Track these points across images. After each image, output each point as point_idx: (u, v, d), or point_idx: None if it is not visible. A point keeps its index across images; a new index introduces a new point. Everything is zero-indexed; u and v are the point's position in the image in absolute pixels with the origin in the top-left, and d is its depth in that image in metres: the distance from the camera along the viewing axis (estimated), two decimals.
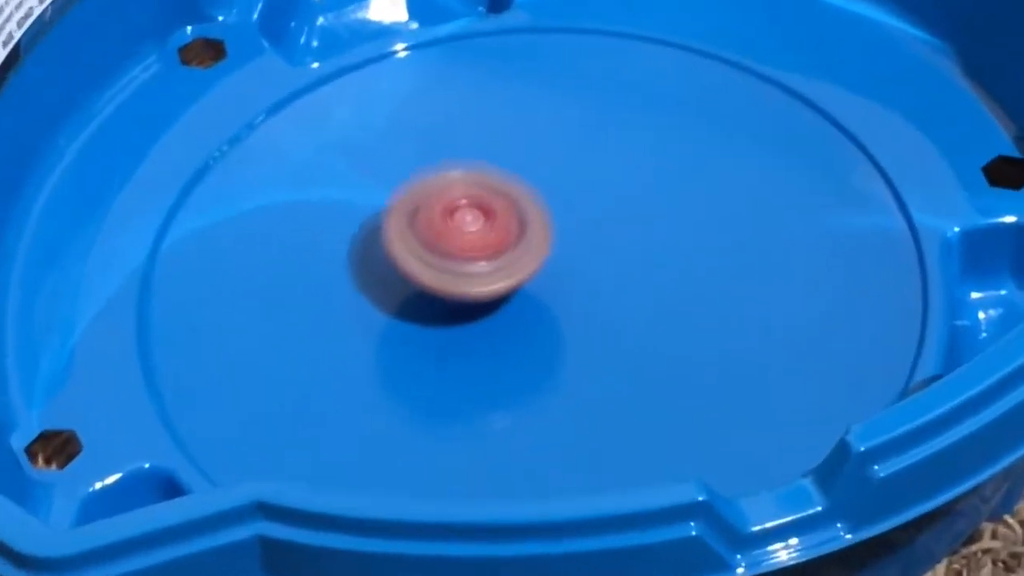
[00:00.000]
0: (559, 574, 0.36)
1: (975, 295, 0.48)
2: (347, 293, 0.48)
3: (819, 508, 0.36)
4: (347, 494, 0.36)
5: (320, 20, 0.55)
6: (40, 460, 0.48)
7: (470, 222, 0.45)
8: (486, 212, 0.45)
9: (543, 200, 0.46)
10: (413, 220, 0.44)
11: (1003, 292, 0.48)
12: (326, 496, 0.36)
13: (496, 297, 0.45)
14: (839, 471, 0.37)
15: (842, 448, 0.36)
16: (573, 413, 0.45)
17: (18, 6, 0.48)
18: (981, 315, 0.48)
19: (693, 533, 0.35)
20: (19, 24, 0.48)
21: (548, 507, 0.36)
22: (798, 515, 0.37)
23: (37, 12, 0.48)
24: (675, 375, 0.45)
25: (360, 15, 0.56)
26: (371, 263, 0.48)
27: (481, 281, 0.44)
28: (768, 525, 0.37)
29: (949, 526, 0.43)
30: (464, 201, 0.45)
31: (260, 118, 0.53)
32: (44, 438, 0.47)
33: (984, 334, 0.47)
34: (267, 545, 0.35)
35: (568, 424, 0.45)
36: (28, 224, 0.50)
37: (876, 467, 0.36)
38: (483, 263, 0.44)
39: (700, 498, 0.35)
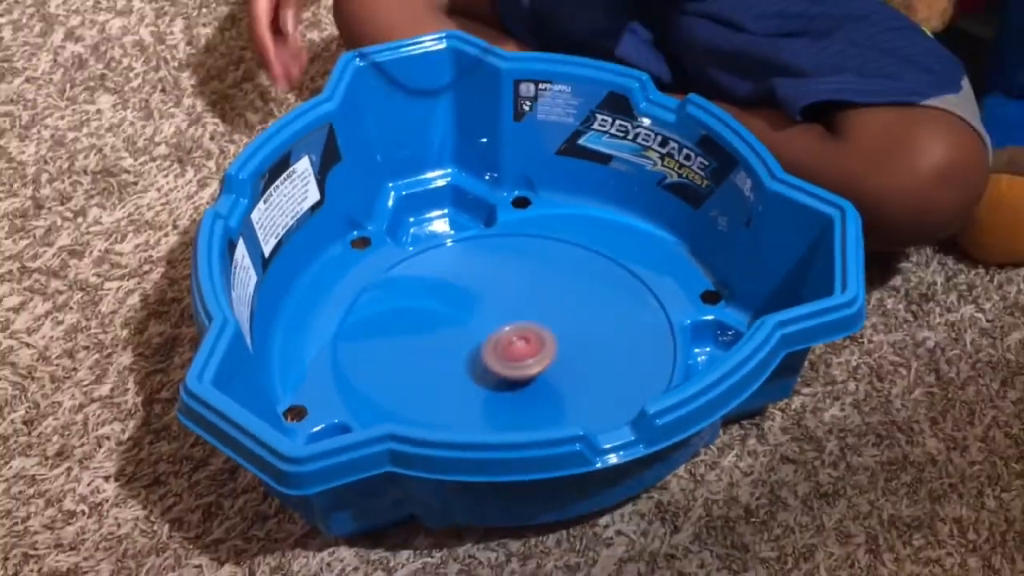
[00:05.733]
0: (533, 466, 0.77)
1: (697, 350, 0.96)
2: (445, 358, 0.93)
3: (632, 438, 0.80)
4: (427, 429, 0.79)
5: (412, 230, 1.05)
6: (289, 418, 0.92)
7: (519, 343, 0.90)
8: (527, 339, 0.90)
9: (548, 329, 0.90)
10: (495, 347, 0.90)
11: (708, 349, 0.96)
12: (419, 430, 0.78)
13: (531, 376, 0.90)
14: (641, 421, 0.80)
15: (643, 412, 0.80)
16: (544, 409, 0.90)
17: (284, 223, 0.97)
18: (700, 359, 0.96)
19: (577, 447, 0.79)
20: (283, 228, 0.97)
21: (530, 435, 0.78)
22: (622, 441, 0.80)
23: (291, 224, 0.98)
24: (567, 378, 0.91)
25: (428, 228, 1.05)
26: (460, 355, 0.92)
27: (527, 369, 0.90)
28: (609, 445, 0.80)
29: (685, 448, 0.88)
30: (515, 336, 0.90)
31: (388, 272, 1.01)
32: (291, 409, 0.91)
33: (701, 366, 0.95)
34: (393, 453, 0.79)
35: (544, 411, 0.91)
36: (281, 317, 0.96)
37: (657, 420, 0.80)
38: (529, 360, 0.90)
39: (581, 433, 0.79)
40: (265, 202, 0.97)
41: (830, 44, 1.02)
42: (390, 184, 1.05)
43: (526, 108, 1.04)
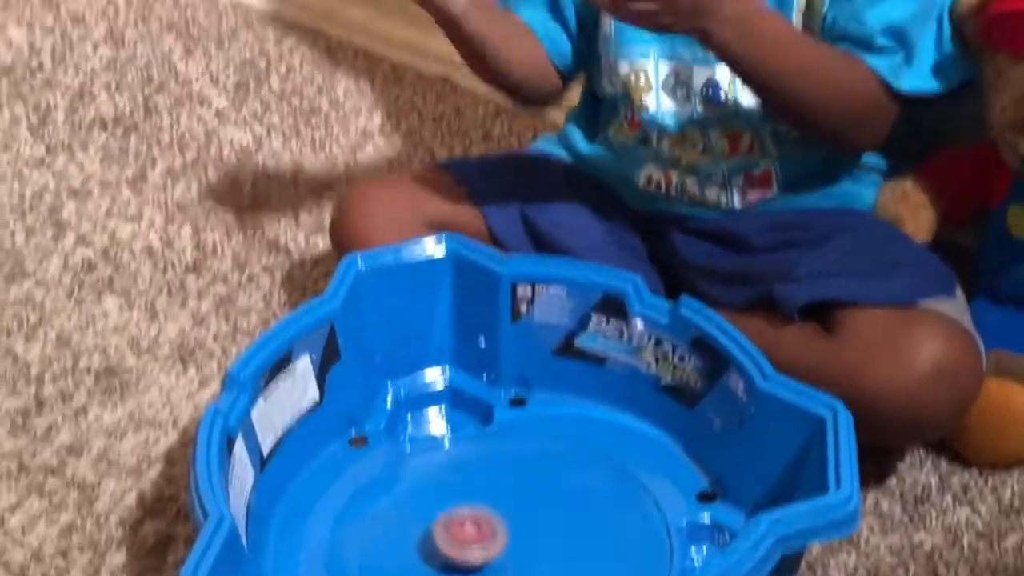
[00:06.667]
0: None
1: (693, 550, 0.96)
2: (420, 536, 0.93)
3: None
4: None
5: (410, 429, 1.07)
6: None
7: (470, 529, 0.92)
8: (478, 524, 0.92)
9: (501, 518, 0.92)
10: (447, 529, 0.91)
11: (704, 549, 0.96)
12: None
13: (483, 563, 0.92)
14: None
15: None
16: None
17: (283, 421, 0.99)
18: (696, 560, 0.96)
19: None
20: (282, 426, 0.98)
21: None
22: None
23: (290, 423, 1.00)
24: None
25: (426, 427, 1.07)
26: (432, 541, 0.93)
27: (477, 555, 0.92)
28: None
29: None
30: (468, 521, 0.92)
31: (384, 472, 1.02)
32: None
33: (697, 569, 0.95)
34: None
35: None
36: (277, 516, 0.97)
37: None
38: (476, 547, 0.92)
39: None
40: (265, 400, 0.98)
41: (826, 252, 1.05)
42: (388, 383, 1.07)
43: (523, 309, 1.06)
